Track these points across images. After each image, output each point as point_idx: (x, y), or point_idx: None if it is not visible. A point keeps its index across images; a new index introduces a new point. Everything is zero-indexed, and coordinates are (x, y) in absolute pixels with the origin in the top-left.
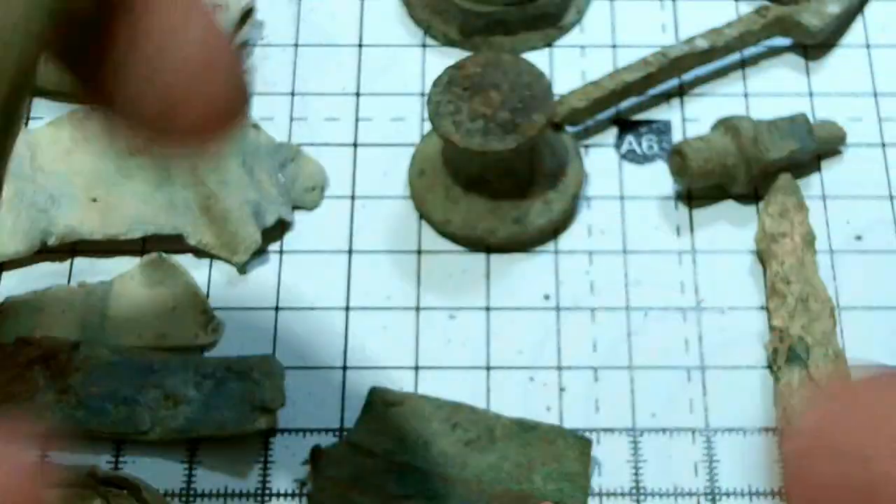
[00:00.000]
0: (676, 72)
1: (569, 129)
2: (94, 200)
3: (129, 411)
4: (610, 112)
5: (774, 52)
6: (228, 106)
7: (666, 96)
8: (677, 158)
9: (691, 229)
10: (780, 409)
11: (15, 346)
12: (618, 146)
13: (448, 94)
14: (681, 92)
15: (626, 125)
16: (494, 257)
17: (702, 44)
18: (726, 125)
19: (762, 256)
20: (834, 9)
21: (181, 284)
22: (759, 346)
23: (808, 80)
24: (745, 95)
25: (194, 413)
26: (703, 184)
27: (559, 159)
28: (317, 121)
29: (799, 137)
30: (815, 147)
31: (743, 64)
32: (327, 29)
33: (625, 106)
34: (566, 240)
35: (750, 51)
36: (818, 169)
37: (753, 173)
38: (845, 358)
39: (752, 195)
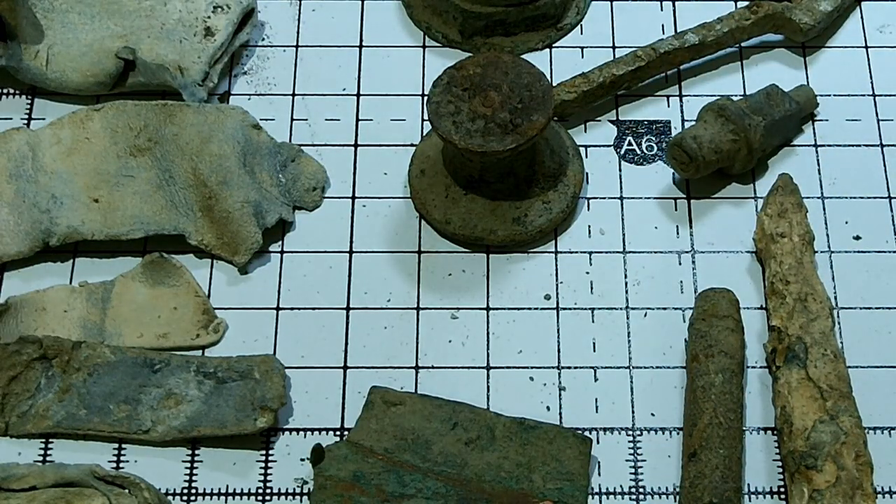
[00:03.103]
0: (666, 66)
1: (569, 131)
2: (96, 201)
3: (130, 410)
4: (609, 112)
5: (773, 54)
6: None
7: (665, 97)
8: (678, 151)
9: (691, 229)
10: (779, 409)
11: (17, 345)
12: (618, 146)
13: (448, 94)
14: (680, 93)
15: (625, 126)
16: (494, 257)
17: (692, 38)
18: (715, 111)
19: (761, 256)
20: (826, 6)
21: (182, 284)
22: (757, 346)
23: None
24: (745, 97)
25: (195, 412)
26: (707, 172)
27: (559, 159)
28: (317, 121)
29: (780, 103)
30: (798, 108)
31: (742, 66)
32: (328, 30)
33: (624, 107)
34: (566, 240)
35: (749, 53)
36: (818, 169)
37: (754, 150)
38: (844, 358)
39: (752, 193)
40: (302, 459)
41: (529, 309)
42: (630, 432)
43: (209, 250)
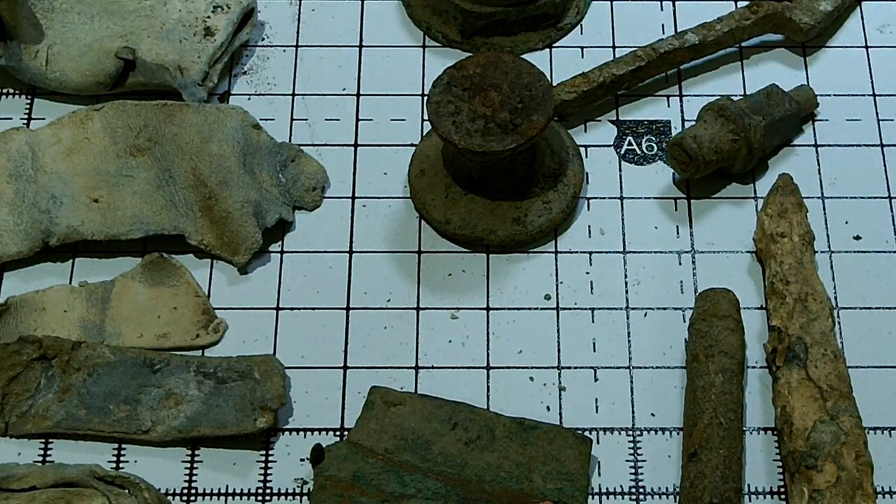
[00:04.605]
0: (666, 66)
1: (569, 131)
2: (96, 201)
3: (130, 410)
4: (609, 112)
5: (773, 54)
6: None
7: (666, 97)
8: (678, 151)
9: (691, 229)
10: (779, 409)
11: (17, 345)
12: (618, 146)
13: (448, 94)
14: (680, 93)
15: (626, 125)
16: (494, 257)
17: (692, 38)
18: (715, 111)
19: (761, 256)
20: (826, 6)
21: (182, 284)
22: (757, 346)
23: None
24: (745, 97)
25: (195, 412)
26: (707, 172)
27: (559, 159)
28: (317, 121)
29: (780, 103)
30: (798, 108)
31: (742, 66)
32: (328, 30)
33: (624, 107)
34: (566, 240)
35: (749, 53)
36: (818, 169)
37: (754, 150)
38: (844, 358)
39: (752, 193)
40: (302, 459)
41: (529, 309)
42: (630, 432)
43: (209, 250)
